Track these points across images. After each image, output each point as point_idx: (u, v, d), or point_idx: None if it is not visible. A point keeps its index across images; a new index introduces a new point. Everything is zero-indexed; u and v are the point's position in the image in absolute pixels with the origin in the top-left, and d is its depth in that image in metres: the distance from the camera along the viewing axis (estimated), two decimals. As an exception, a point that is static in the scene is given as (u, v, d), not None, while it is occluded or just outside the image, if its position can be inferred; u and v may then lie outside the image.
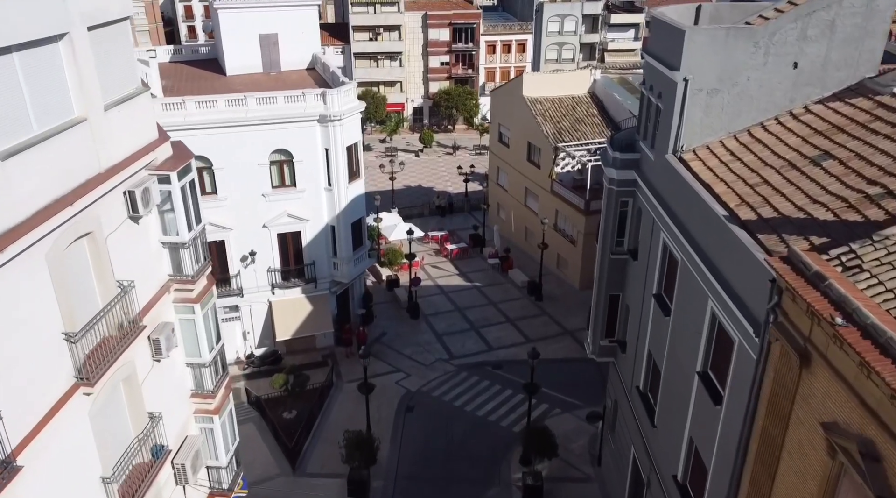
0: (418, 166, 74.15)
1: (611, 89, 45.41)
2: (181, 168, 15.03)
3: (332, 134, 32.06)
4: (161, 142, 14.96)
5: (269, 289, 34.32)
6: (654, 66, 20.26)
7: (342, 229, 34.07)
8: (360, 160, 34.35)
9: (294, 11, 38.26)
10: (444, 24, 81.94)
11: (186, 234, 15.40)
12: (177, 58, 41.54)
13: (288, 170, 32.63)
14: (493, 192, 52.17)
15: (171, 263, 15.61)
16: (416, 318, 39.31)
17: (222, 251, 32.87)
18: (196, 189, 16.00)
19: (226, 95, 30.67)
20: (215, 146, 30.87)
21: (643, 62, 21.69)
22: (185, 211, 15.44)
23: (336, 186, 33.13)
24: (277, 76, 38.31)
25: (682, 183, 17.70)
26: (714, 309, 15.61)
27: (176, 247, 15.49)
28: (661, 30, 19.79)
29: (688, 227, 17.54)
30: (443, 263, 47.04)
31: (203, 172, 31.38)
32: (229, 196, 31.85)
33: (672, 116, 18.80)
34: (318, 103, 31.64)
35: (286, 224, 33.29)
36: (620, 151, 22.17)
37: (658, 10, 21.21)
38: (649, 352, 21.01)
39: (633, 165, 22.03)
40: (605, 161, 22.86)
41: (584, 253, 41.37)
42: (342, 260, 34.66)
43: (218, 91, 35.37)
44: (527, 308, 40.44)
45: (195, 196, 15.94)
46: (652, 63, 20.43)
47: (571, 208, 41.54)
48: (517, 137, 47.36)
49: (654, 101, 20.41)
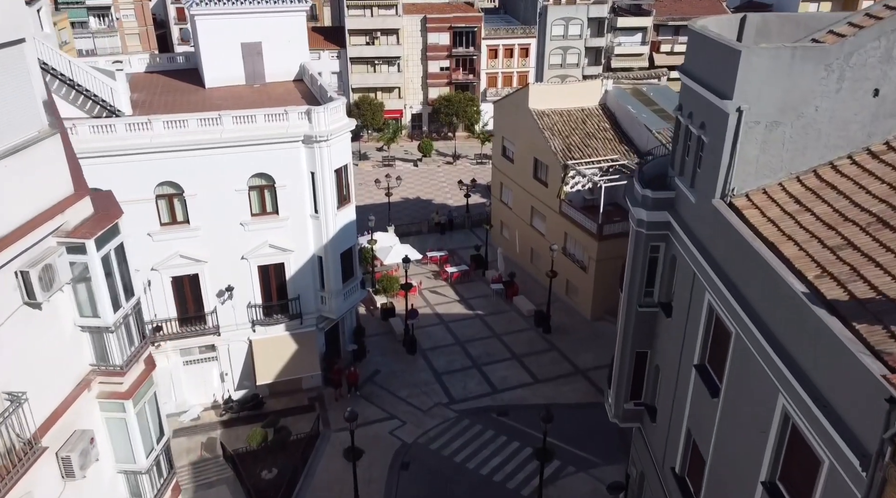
0: (417, 177, 70.78)
1: (624, 101, 42.03)
2: (103, 232, 11.63)
3: (319, 156, 28.67)
4: (76, 198, 11.57)
5: (250, 326, 30.92)
6: (695, 90, 16.86)
7: (330, 260, 30.68)
8: (350, 184, 30.94)
9: (279, 18, 34.83)
10: (444, 27, 78.55)
11: (111, 315, 11.99)
12: (153, 67, 38.14)
13: (269, 196, 29.23)
14: (496, 210, 48.76)
15: (92, 351, 12.20)
16: (412, 353, 35.91)
17: (196, 286, 29.49)
18: (126, 256, 12.56)
19: (198, 114, 27.27)
20: (187, 170, 27.51)
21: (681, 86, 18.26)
22: (111, 286, 12.03)
23: (323, 213, 29.74)
24: (261, 89, 34.92)
25: (737, 239, 14.30)
26: (788, 409, 12.21)
27: (99, 331, 12.06)
28: (706, 48, 16.37)
29: (745, 294, 14.14)
30: (442, 288, 43.66)
31: (173, 200, 28.02)
32: (203, 225, 28.46)
33: (721, 153, 15.40)
34: (303, 122, 28.25)
35: (268, 255, 29.90)
36: (651, 189, 18.74)
37: (699, 23, 17.80)
38: (688, 431, 17.61)
39: (667, 205, 18.62)
40: (633, 200, 19.42)
41: (597, 281, 38.00)
42: (331, 294, 31.26)
43: (195, 105, 32.11)
44: (534, 342, 37.03)
45: (125, 264, 12.52)
46: (692, 86, 17.03)
47: (582, 232, 38.13)
48: (523, 152, 43.97)
49: (694, 132, 17.01)
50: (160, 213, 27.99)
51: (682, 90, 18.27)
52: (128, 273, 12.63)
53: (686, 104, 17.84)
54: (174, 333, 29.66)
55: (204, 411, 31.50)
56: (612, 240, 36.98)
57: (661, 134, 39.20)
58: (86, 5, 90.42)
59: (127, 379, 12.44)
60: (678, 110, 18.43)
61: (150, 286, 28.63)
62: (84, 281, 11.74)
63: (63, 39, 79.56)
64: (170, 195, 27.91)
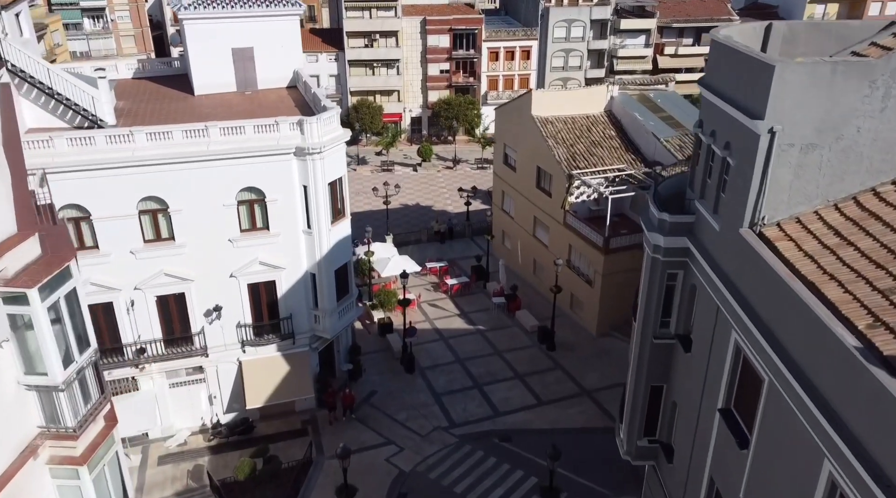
0: (416, 182, 69.30)
1: (630, 108, 40.50)
2: (49, 279, 10.10)
3: (312, 169, 27.16)
4: (19, 239, 10.04)
5: (239, 346, 29.39)
6: (718, 106, 15.34)
7: (324, 277, 29.17)
8: (345, 197, 29.42)
9: (272, 23, 33.29)
10: (444, 29, 77.01)
11: (61, 372, 10.46)
12: (141, 73, 36.59)
13: (259, 211, 27.71)
14: (497, 219, 47.21)
15: (41, 411, 10.67)
16: (411, 371, 34.38)
17: (182, 305, 27.97)
18: (80, 302, 11.04)
19: (183, 125, 25.75)
20: (172, 185, 25.99)
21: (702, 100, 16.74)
22: (62, 337, 10.51)
23: (317, 229, 28.23)
24: (253, 96, 33.40)
25: (770, 276, 12.78)
26: (837, 479, 10.69)
27: (48, 390, 10.54)
28: (732, 61, 14.84)
29: (780, 338, 12.62)
30: (442, 301, 42.12)
31: (157, 215, 26.49)
32: (189, 242, 26.94)
33: (749, 178, 13.89)
34: (295, 133, 26.75)
35: (258, 273, 28.38)
36: (669, 212, 17.21)
37: (722, 32, 16.27)
38: (711, 479, 16.09)
39: (686, 231, 17.10)
40: (648, 223, 17.88)
41: (603, 296, 36.46)
42: (325, 312, 29.75)
43: (183, 114, 30.62)
44: (537, 360, 35.49)
45: (78, 312, 10.99)
46: (715, 102, 15.51)
47: (588, 245, 36.59)
48: (525, 161, 42.44)
49: (718, 153, 15.48)
50: (144, 230, 26.48)
51: (703, 105, 16.74)
52: (82, 322, 11.07)
53: (708, 121, 16.32)
54: (159, 355, 28.14)
55: (191, 436, 29.97)
56: (620, 253, 35.47)
57: (670, 142, 37.70)
58: (80, 7, 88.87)
59: (81, 442, 10.93)
60: (698, 127, 16.91)
61: (134, 306, 27.11)
62: (29, 332, 10.21)
63: (56, 41, 78.17)
64: (154, 211, 26.39)
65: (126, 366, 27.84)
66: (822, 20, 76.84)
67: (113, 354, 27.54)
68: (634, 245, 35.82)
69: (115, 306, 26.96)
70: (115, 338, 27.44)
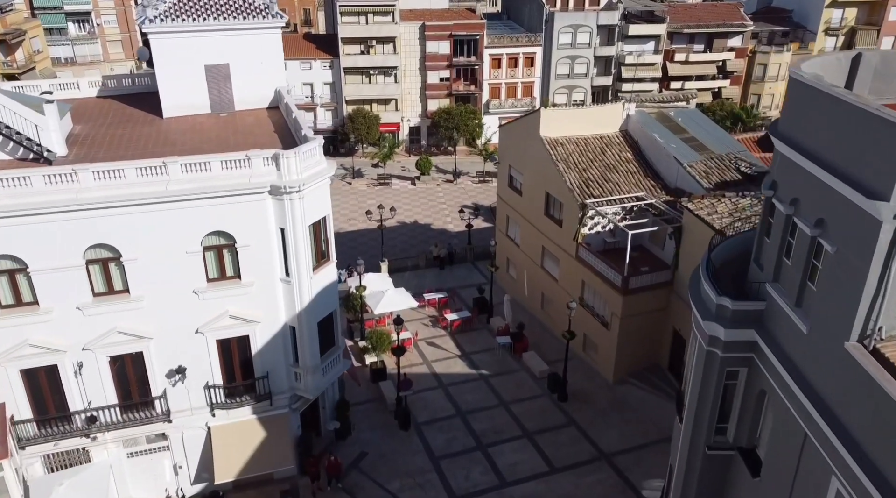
0: (415, 197, 65.62)
1: (649, 128, 36.72)
2: None
3: (290, 209, 23.41)
4: None
5: (208, 410, 25.63)
6: (804, 168, 11.59)
7: (306, 331, 25.42)
8: (329, 239, 25.67)
9: (251, 37, 29.55)
10: (444, 35, 73.23)
11: None
12: (107, 91, 32.84)
13: (229, 258, 23.95)
14: (501, 245, 43.38)
15: None
16: (406, 428, 30.60)
17: (140, 366, 24.22)
18: None
19: (137, 162, 21.95)
20: (125, 230, 22.23)
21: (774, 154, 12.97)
22: None
23: (296, 277, 24.48)
24: (229, 119, 29.67)
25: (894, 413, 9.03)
26: None
27: None
28: (830, 110, 11.06)
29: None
30: (441, 338, 38.35)
31: (108, 265, 22.72)
32: (147, 295, 23.18)
33: (862, 275, 10.13)
34: (269, 169, 22.99)
35: (228, 328, 24.62)
36: (723, 288, 13.42)
37: (804, 65, 12.50)
38: None
39: (754, 320, 13.32)
40: (702, 308, 14.09)
41: (621, 339, 32.69)
42: (306, 370, 26.00)
43: (147, 141, 26.97)
44: (548, 413, 31.71)
45: None
46: (799, 162, 11.75)
47: (604, 283, 32.79)
48: (532, 185, 38.67)
49: (805, 231, 11.72)
50: (93, 282, 22.71)
51: (778, 162, 12.97)
52: None
53: (786, 184, 12.56)
54: (114, 423, 24.37)
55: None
56: (640, 294, 31.72)
57: (694, 168, 33.93)
58: (64, 11, 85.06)
59: None
60: (769, 189, 13.13)
61: (83, 369, 23.33)
62: None
63: (36, 48, 74.34)
64: (104, 260, 22.61)
65: (75, 436, 24.07)
66: None
67: (59, 422, 23.81)
68: (656, 284, 32.12)
69: (61, 369, 23.20)
70: (62, 405, 23.69)
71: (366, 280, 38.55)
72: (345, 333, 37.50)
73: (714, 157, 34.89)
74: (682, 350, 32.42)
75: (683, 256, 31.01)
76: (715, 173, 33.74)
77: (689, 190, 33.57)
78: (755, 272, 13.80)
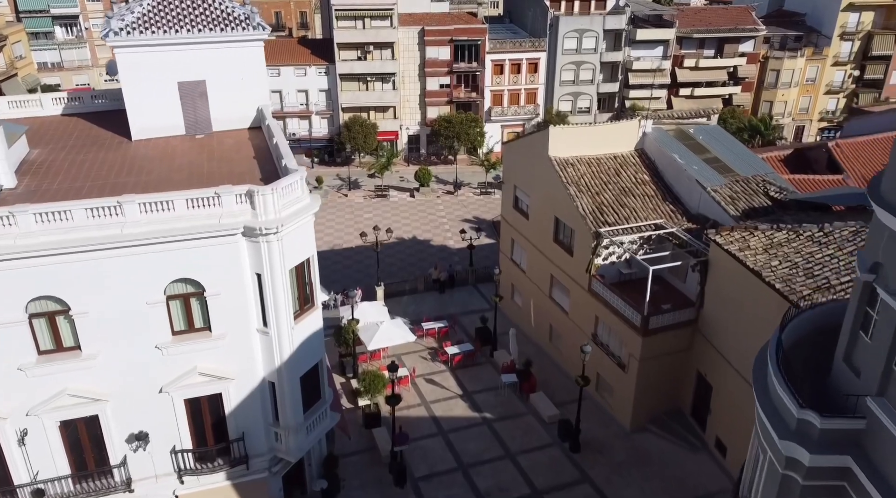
0: (413, 210, 62.63)
1: (667, 148, 33.64)
2: None
3: (267, 253, 20.35)
4: None
5: (176, 476, 22.56)
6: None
7: (286, 387, 22.37)
8: (314, 283, 22.60)
9: (229, 50, 26.60)
10: (444, 40, 70.17)
11: None
12: (74, 108, 29.83)
13: (198, 307, 20.89)
14: (506, 271, 40.24)
15: None
16: (401, 484, 27.53)
17: (96, 431, 21.15)
18: None
19: (86, 202, 18.91)
20: (73, 280, 19.18)
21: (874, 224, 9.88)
22: None
23: (275, 327, 21.43)
24: (205, 141, 26.71)
25: None
26: None
27: None
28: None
29: None
30: (441, 374, 35.28)
31: (55, 319, 19.66)
32: (101, 352, 20.12)
33: None
34: (243, 207, 19.96)
35: (198, 386, 21.57)
36: (819, 412, 10.34)
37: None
38: None
39: (849, 442, 10.26)
40: (777, 422, 10.99)
41: (640, 383, 29.59)
42: (288, 429, 22.94)
43: (111, 167, 24.09)
44: (559, 466, 28.64)
45: None
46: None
47: (620, 321, 29.71)
48: (540, 208, 35.61)
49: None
50: (37, 339, 19.66)
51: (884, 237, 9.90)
52: None
53: (891, 261, 9.50)
54: (67, 495, 21.31)
55: None
56: (661, 334, 28.65)
57: (718, 193, 30.85)
58: (51, 14, 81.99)
59: None
60: (867, 271, 10.07)
61: (27, 437, 20.27)
62: None
63: (18, 53, 71.28)
64: (51, 313, 19.55)
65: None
66: None
67: (2, 497, 20.78)
68: (679, 324, 29.04)
69: (1, 438, 20.13)
70: (4, 478, 20.63)
71: (360, 311, 35.51)
72: (335, 367, 34.49)
73: (740, 180, 31.82)
74: (705, 394, 29.37)
75: (709, 293, 27.96)
76: (742, 199, 30.66)
77: (712, 217, 30.53)
78: (844, 375, 10.75)
